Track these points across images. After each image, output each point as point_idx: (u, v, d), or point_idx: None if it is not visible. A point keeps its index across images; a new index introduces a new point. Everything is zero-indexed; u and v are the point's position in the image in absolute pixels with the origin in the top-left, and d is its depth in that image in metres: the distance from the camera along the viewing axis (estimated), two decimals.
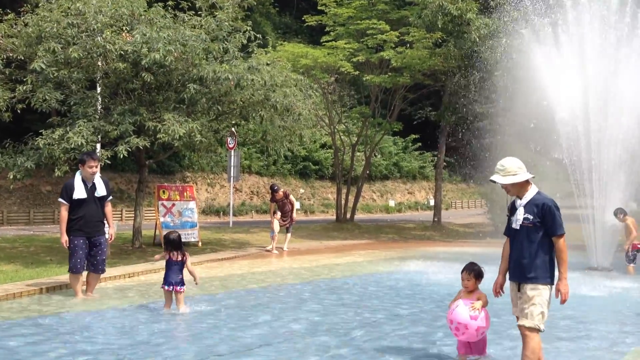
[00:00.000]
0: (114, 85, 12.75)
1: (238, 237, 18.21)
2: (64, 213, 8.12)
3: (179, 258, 7.47)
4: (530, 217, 4.83)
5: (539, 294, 4.77)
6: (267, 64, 13.68)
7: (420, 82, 23.48)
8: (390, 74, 21.51)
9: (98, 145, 12.96)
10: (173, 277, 7.38)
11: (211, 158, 28.07)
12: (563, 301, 4.80)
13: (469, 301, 5.15)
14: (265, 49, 18.85)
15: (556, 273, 4.87)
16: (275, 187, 15.06)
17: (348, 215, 24.71)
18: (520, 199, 4.96)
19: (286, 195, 15.09)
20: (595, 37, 14.60)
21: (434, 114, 29.16)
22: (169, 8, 13.36)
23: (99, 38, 11.61)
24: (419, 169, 43.69)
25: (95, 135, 11.63)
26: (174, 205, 15.24)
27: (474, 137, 22.59)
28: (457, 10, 19.44)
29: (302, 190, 33.94)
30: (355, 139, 25.62)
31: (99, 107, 12.54)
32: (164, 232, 14.28)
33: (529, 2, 18.21)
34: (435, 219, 25.65)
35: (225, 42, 13.52)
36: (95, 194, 8.26)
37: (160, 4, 13.36)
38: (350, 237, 19.86)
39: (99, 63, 12.10)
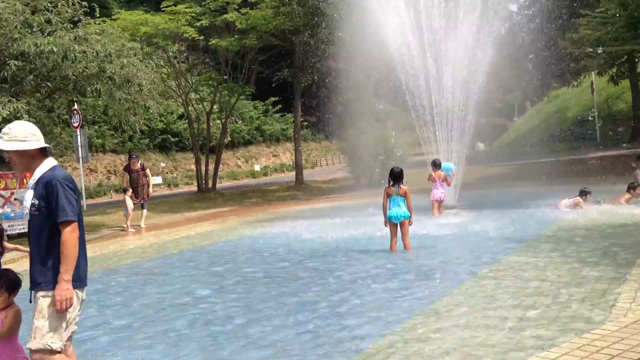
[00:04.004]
0: None
1: (92, 219, 17.22)
2: None
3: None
4: (37, 202, 3.59)
5: (51, 303, 3.53)
6: (98, 34, 12.82)
7: (270, 43, 23.30)
8: (236, 36, 21.08)
9: None
10: None
11: (54, 139, 26.25)
12: (59, 311, 3.51)
13: None
14: (103, 19, 17.70)
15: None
16: (134, 155, 14.50)
17: (210, 184, 24.27)
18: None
19: (143, 168, 14.50)
20: None
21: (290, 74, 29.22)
22: None
23: None
24: (282, 131, 43.97)
25: None
26: (12, 194, 14.04)
27: (331, 95, 22.88)
28: None
29: (163, 164, 32.93)
30: (209, 106, 25.04)
31: None
32: (4, 224, 13.21)
33: None
34: (298, 179, 25.92)
35: (47, 13, 12.47)
36: None
37: None
38: (213, 206, 19.55)
39: None
